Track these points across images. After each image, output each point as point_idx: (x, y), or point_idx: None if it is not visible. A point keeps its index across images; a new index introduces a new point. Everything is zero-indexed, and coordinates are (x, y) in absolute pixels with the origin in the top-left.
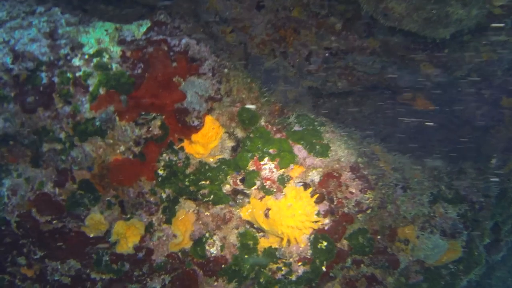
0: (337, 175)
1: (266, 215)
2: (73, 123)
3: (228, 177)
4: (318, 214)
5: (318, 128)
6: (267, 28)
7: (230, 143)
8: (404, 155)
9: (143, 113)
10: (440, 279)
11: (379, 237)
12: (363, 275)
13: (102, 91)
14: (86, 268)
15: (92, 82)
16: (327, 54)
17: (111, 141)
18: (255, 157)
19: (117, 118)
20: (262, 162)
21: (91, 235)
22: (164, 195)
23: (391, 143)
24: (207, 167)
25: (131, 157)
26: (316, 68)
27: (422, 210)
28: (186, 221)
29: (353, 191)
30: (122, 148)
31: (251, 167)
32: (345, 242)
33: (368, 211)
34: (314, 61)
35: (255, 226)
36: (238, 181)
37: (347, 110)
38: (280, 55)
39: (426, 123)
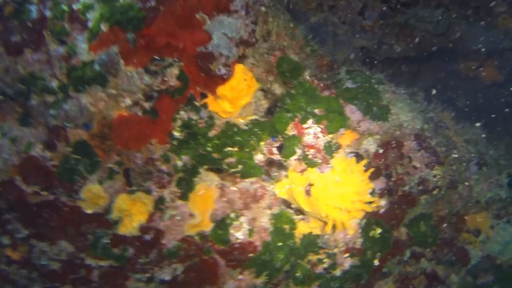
0: (398, 144)
1: (308, 192)
2: (67, 68)
3: (262, 143)
4: (372, 193)
5: (376, 86)
6: None
7: (265, 103)
8: (476, 126)
9: (156, 57)
10: None
11: (445, 225)
12: (422, 272)
13: (104, 27)
14: (81, 251)
15: (92, 16)
16: (384, 8)
17: (114, 91)
18: (296, 119)
19: (122, 61)
20: (305, 125)
21: (89, 211)
22: (180, 163)
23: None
24: (235, 129)
25: (139, 113)
26: (371, 24)
27: (500, 193)
28: (207, 197)
29: (418, 165)
30: (128, 101)
31: (291, 131)
32: (403, 230)
33: (435, 192)
34: (369, 16)
35: (292, 206)
36: (273, 149)
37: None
38: (328, 10)
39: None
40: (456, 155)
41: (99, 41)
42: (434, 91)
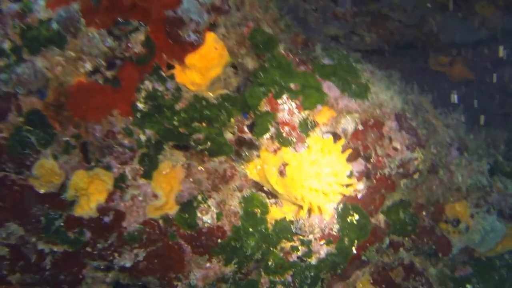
0: (378, 124)
1: (282, 173)
2: (21, 27)
3: (232, 120)
4: (350, 175)
5: (354, 64)
6: None
7: (236, 81)
8: (455, 111)
9: (120, 19)
10: (494, 273)
11: (424, 213)
12: (400, 263)
13: None
14: (32, 235)
15: None
16: None
17: (73, 53)
18: (270, 94)
19: (82, 20)
20: (279, 101)
21: (42, 191)
22: (143, 138)
23: None
24: (204, 103)
25: (100, 81)
26: (343, 11)
27: (481, 180)
28: (171, 177)
29: (398, 147)
30: (88, 66)
31: (264, 106)
32: (381, 217)
33: (415, 176)
34: (342, 3)
35: (265, 188)
36: (245, 127)
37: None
38: None
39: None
40: (437, 139)
41: None
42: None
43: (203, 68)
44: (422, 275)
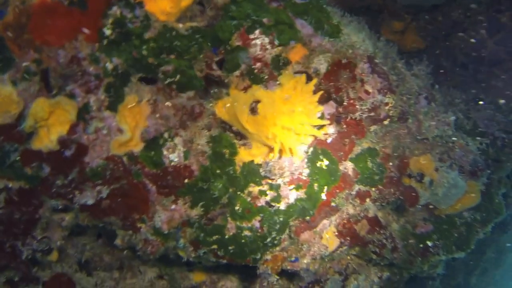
0: (350, 65)
1: (253, 110)
2: None
3: (201, 55)
4: (321, 117)
5: (325, 6)
6: None
7: (203, 18)
8: (421, 63)
9: None
10: (453, 230)
11: (390, 163)
12: (364, 216)
13: None
14: None
15: None
16: None
17: None
18: (242, 28)
19: None
20: (251, 35)
21: None
22: (109, 66)
23: None
24: (174, 33)
25: (65, 3)
26: None
27: (447, 131)
28: (137, 112)
29: (370, 90)
30: None
31: (235, 41)
32: (349, 164)
33: (386, 122)
34: None
35: (233, 128)
36: (213, 64)
37: None
38: None
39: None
40: (406, 86)
41: None
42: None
43: None
44: (386, 229)
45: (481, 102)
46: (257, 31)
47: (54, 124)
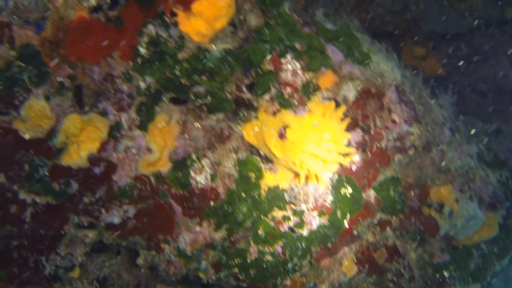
0: (379, 94)
1: (282, 135)
2: None
3: (232, 77)
4: (348, 145)
5: (355, 33)
6: None
7: (234, 38)
8: (446, 93)
9: None
10: (470, 261)
11: (412, 193)
12: (383, 244)
13: None
14: (13, 183)
15: None
16: None
17: None
18: (274, 52)
19: None
20: (283, 60)
21: (27, 136)
22: (143, 85)
23: None
24: (208, 55)
25: (103, 20)
26: None
27: (470, 163)
28: (166, 132)
29: (397, 119)
30: (93, 0)
31: (267, 65)
32: (372, 192)
33: (410, 151)
34: None
35: (260, 152)
36: (243, 86)
37: None
38: None
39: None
40: (432, 117)
41: None
42: None
43: (211, 17)
44: (404, 258)
45: (473, 131)
46: (289, 56)
47: (84, 140)
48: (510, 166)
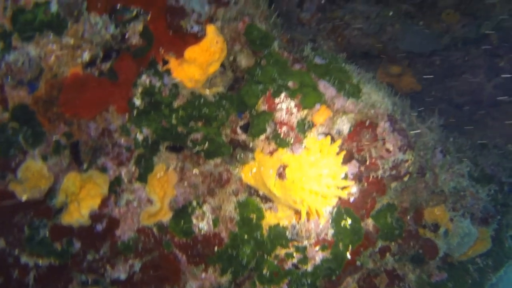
0: (372, 125)
1: (281, 175)
2: (13, 9)
3: (228, 121)
4: (345, 178)
5: (343, 65)
6: None
7: (223, 78)
8: (433, 115)
9: (119, 6)
10: (467, 277)
11: (408, 217)
12: (384, 270)
13: None
14: (14, 247)
15: None
16: (323, 1)
17: (72, 40)
18: (268, 92)
19: (84, 3)
20: (277, 99)
21: (24, 198)
22: (140, 137)
23: None
24: (202, 100)
25: (96, 74)
26: (309, 17)
27: (462, 182)
28: (165, 181)
29: (391, 148)
30: (87, 55)
31: (261, 105)
32: (370, 221)
33: (405, 178)
34: (307, 8)
35: (260, 192)
36: (238, 128)
37: None
38: None
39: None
40: (423, 141)
41: None
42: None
43: (204, 62)
44: (404, 281)
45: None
46: (282, 95)
47: (85, 198)
48: (497, 179)
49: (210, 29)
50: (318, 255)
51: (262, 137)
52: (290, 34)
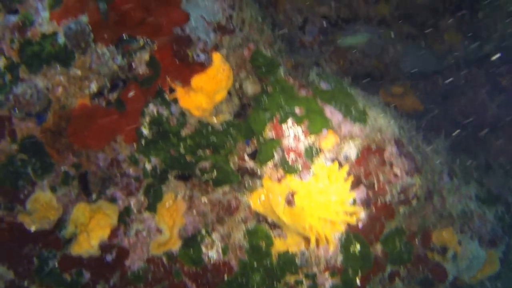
0: (379, 149)
1: (290, 202)
2: (20, 41)
3: (235, 149)
4: (353, 203)
5: (349, 89)
6: None
7: (229, 104)
8: (439, 138)
9: (125, 36)
10: None
11: (416, 241)
12: None
13: None
14: (23, 278)
15: None
16: (324, 23)
17: (80, 72)
18: (275, 118)
19: (91, 34)
20: (284, 126)
21: (32, 229)
22: (149, 167)
23: None
24: (210, 129)
25: (103, 104)
26: (311, 40)
27: (470, 205)
28: (174, 210)
29: (398, 173)
30: (94, 86)
31: (268, 132)
32: (378, 246)
33: (414, 202)
34: (309, 31)
35: (268, 219)
36: (245, 155)
37: None
38: None
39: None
40: (430, 165)
41: (63, 9)
42: None
43: (211, 90)
44: None
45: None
46: (289, 122)
47: (94, 228)
48: (504, 200)
49: (216, 57)
50: (328, 282)
51: (270, 164)
52: (293, 58)
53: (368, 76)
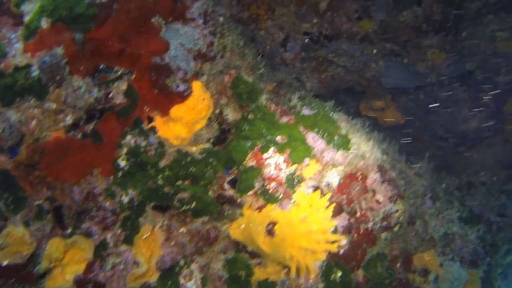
0: (362, 176)
1: (270, 232)
2: None
3: (215, 179)
4: (335, 231)
5: (331, 114)
6: (232, 4)
7: (208, 131)
8: (422, 160)
9: (102, 66)
10: None
11: (398, 265)
12: None
13: (45, 23)
14: None
15: (29, 8)
16: (306, 40)
17: (54, 105)
18: (256, 147)
19: (67, 67)
20: (265, 155)
21: (4, 263)
22: (125, 199)
23: None
24: (189, 158)
25: (79, 136)
26: (292, 57)
27: (452, 228)
28: (151, 241)
29: (381, 199)
30: (69, 119)
31: (249, 161)
32: (359, 272)
33: (396, 228)
34: (291, 48)
35: (248, 249)
36: (225, 184)
37: None
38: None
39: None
40: (413, 189)
41: (38, 40)
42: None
43: (191, 121)
44: None
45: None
46: (271, 150)
47: (69, 263)
48: (486, 219)
49: (197, 86)
50: None
51: (251, 192)
52: (275, 75)
53: (349, 91)
